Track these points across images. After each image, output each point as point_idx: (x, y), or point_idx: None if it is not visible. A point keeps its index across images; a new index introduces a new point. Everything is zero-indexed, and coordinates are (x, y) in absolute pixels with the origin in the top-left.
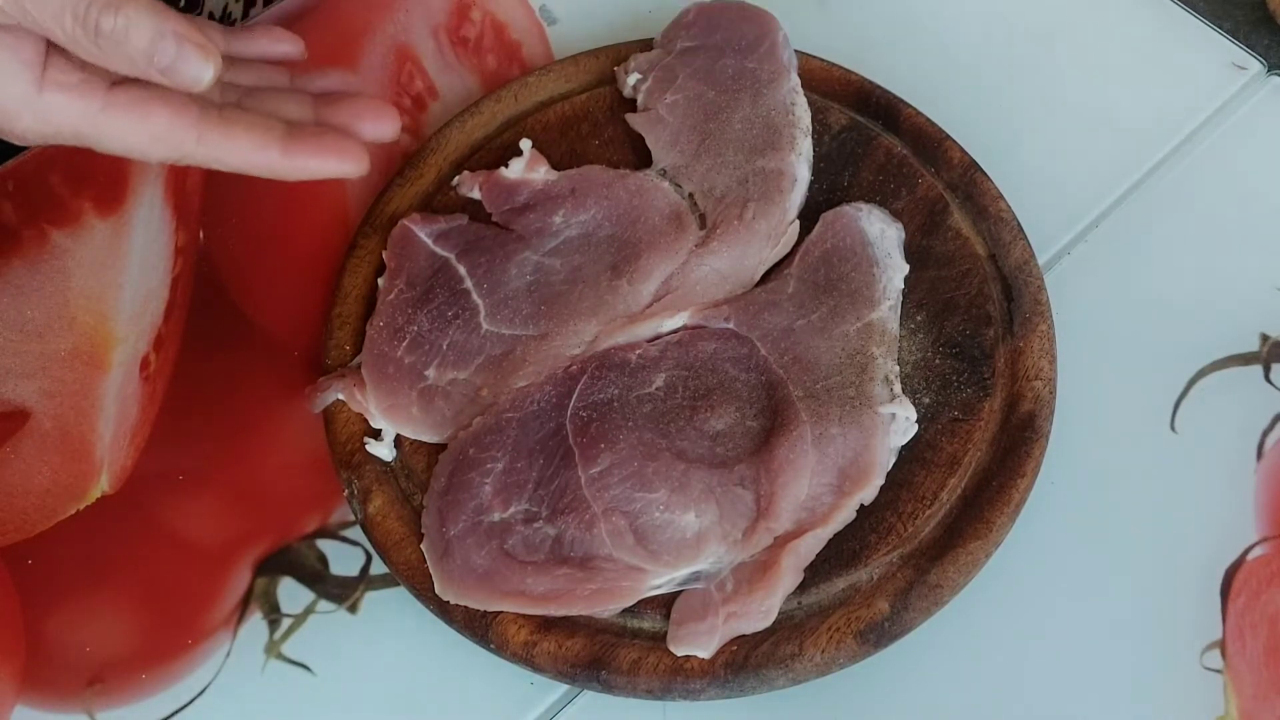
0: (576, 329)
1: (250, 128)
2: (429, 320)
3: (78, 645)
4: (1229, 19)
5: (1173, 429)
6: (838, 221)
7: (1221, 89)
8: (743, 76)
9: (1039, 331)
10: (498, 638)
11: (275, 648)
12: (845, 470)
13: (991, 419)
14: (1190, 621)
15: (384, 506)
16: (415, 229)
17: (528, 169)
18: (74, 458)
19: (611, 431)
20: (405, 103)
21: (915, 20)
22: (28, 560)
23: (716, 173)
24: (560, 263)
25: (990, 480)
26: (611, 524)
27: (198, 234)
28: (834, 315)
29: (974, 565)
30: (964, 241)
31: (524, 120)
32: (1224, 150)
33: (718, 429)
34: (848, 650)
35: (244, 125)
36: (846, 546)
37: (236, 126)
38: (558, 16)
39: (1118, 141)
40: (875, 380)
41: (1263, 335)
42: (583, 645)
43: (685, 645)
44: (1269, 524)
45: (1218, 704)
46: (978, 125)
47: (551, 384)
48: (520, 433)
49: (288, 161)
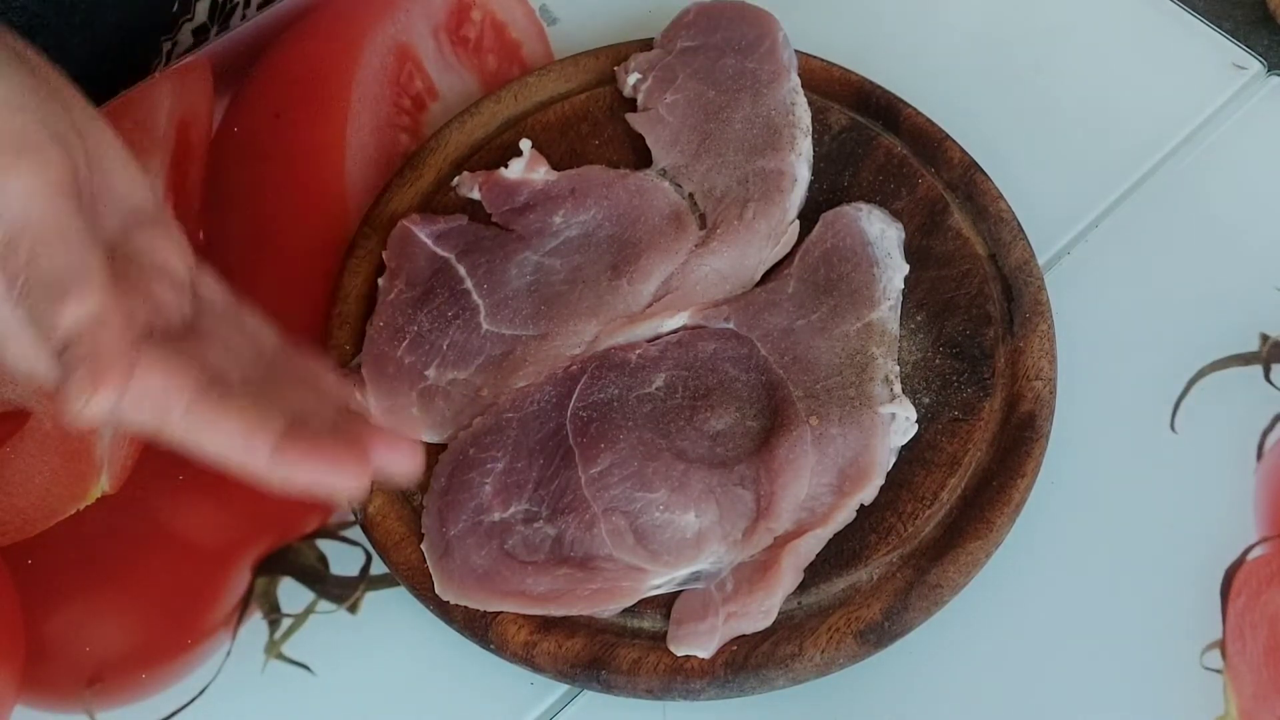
0: (576, 329)
1: (243, 415)
2: (429, 320)
3: (78, 645)
4: (1229, 19)
5: (1173, 429)
6: (838, 221)
7: (1221, 89)
8: (743, 76)
9: (1039, 331)
10: (498, 638)
11: (275, 648)
12: (845, 470)
13: (991, 419)
14: (1190, 621)
15: (384, 506)
16: (415, 229)
17: (528, 169)
18: (74, 458)
19: (611, 431)
20: (405, 103)
21: (915, 20)
22: (28, 560)
23: (716, 173)
24: (560, 263)
25: (990, 480)
26: (611, 524)
27: (198, 234)
28: (834, 315)
29: (974, 565)
30: (964, 241)
31: (524, 120)
32: (1224, 150)
33: (718, 429)
34: (848, 650)
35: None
36: (846, 546)
37: (230, 410)
38: (558, 16)
39: (1118, 141)
40: (875, 380)
41: (1263, 335)
42: (583, 645)
43: (685, 645)
44: (1269, 524)
45: (1218, 704)
46: (978, 125)
47: (551, 384)
48: (520, 433)
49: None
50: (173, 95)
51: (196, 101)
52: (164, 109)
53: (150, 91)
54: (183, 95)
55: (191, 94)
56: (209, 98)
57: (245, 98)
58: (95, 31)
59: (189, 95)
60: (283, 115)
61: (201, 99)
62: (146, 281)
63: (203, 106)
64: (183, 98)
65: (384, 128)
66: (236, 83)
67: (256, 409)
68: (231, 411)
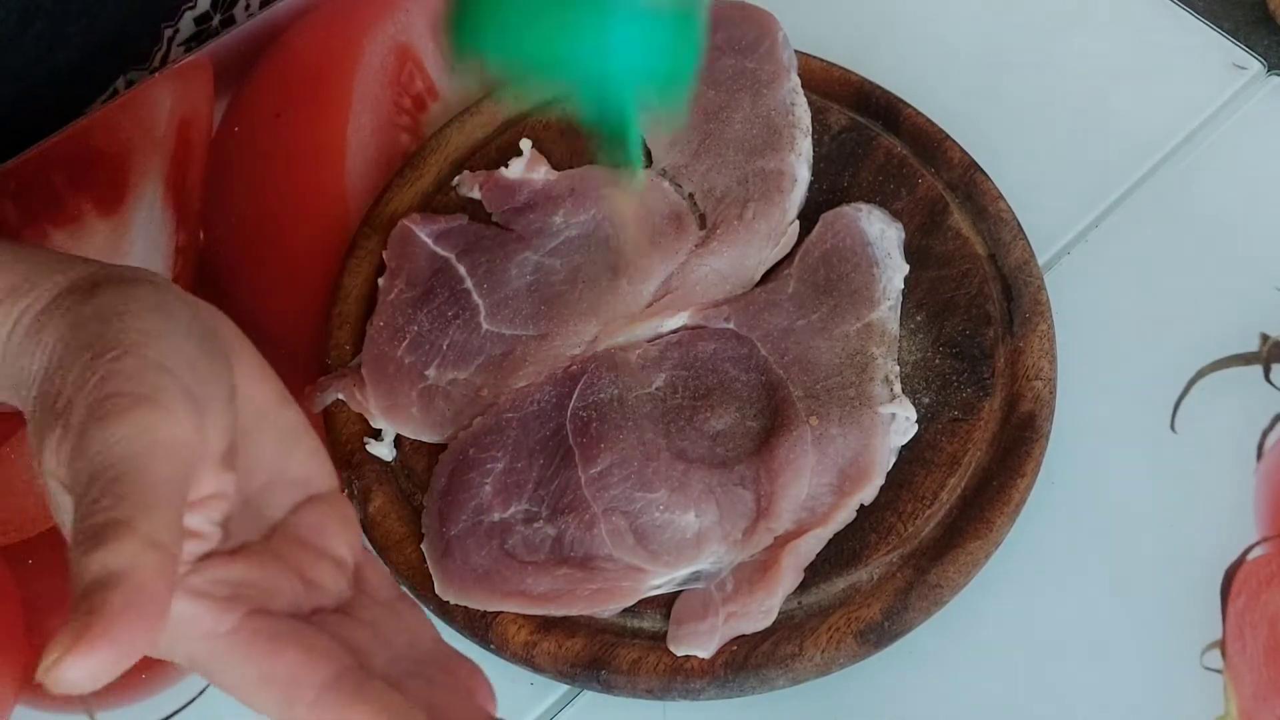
0: (576, 329)
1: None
2: (429, 320)
3: None
4: (1229, 19)
5: (1173, 429)
6: (838, 222)
7: (1221, 89)
8: (742, 76)
9: (1039, 331)
10: (498, 638)
11: None
12: (845, 470)
13: (991, 419)
14: (1190, 621)
15: (384, 506)
16: (415, 229)
17: (528, 169)
18: None
19: (611, 431)
20: (405, 103)
21: (915, 20)
22: (28, 560)
23: (716, 173)
24: (560, 263)
25: (990, 480)
26: (611, 524)
27: (198, 234)
28: (834, 315)
29: (974, 565)
30: (964, 241)
31: (524, 120)
32: (1224, 150)
33: (718, 429)
34: (848, 650)
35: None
36: (846, 546)
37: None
38: None
39: (1118, 141)
40: (875, 380)
41: (1263, 335)
42: (583, 645)
43: (685, 645)
44: (1269, 524)
45: (1218, 704)
46: (978, 125)
47: (551, 384)
48: (520, 433)
49: None
50: (173, 95)
51: (196, 101)
52: (164, 109)
53: (150, 91)
54: (183, 95)
55: (191, 94)
56: (209, 98)
57: (245, 98)
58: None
59: (189, 95)
60: (283, 115)
61: (201, 99)
62: (306, 561)
63: (203, 106)
64: (183, 98)
65: (384, 127)
66: (236, 82)
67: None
68: (367, 701)
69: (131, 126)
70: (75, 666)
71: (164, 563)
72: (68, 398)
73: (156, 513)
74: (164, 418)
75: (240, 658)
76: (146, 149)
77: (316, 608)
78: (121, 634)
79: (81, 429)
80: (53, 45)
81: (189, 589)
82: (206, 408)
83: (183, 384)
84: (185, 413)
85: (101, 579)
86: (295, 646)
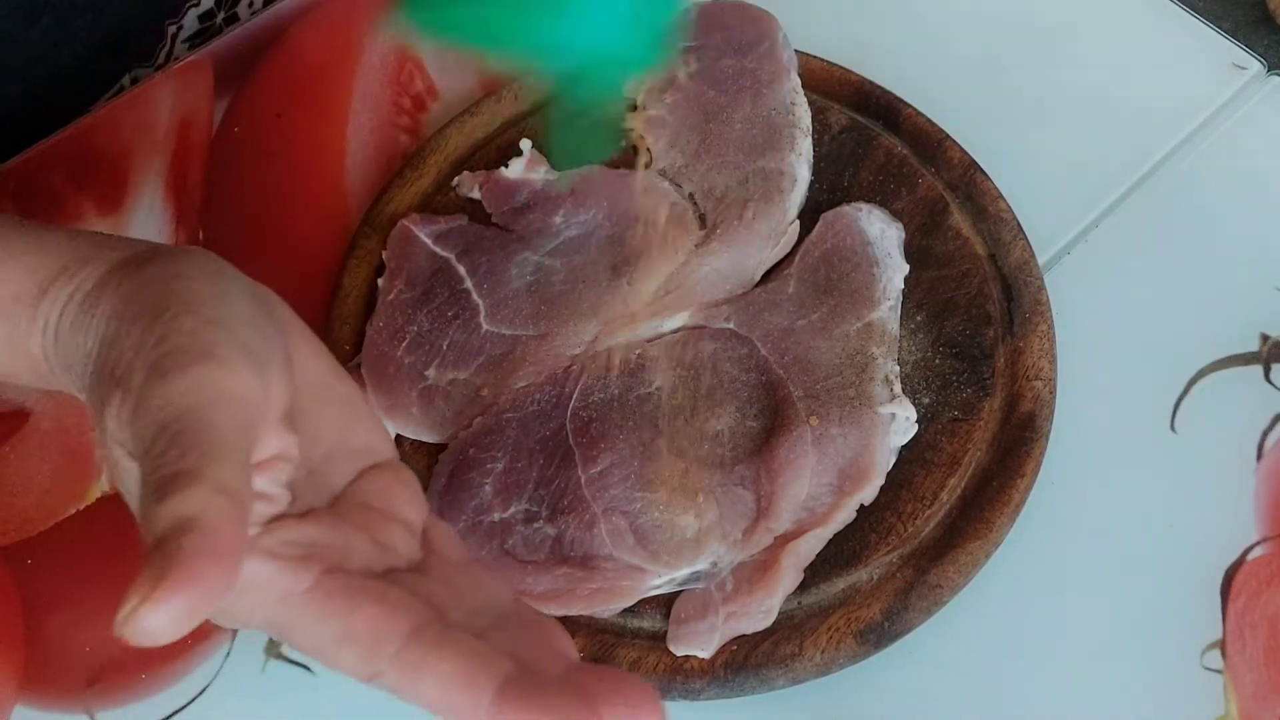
0: (576, 329)
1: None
2: (429, 320)
3: (78, 645)
4: (1229, 19)
5: (1173, 429)
6: (838, 221)
7: (1221, 89)
8: (743, 76)
9: (1039, 331)
10: None
11: (275, 647)
12: (845, 470)
13: (991, 419)
14: (1190, 621)
15: None
16: (415, 229)
17: (528, 169)
18: (74, 458)
19: (611, 431)
20: (405, 103)
21: (915, 20)
22: (28, 560)
23: (716, 173)
24: (560, 263)
25: (990, 480)
26: (611, 524)
27: (198, 234)
28: (834, 315)
29: (974, 565)
30: (964, 241)
31: (524, 120)
32: (1224, 150)
33: (718, 429)
34: (847, 650)
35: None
36: (846, 546)
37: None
38: None
39: (1118, 141)
40: (875, 380)
41: (1263, 335)
42: (583, 645)
43: (685, 645)
44: (1269, 524)
45: (1218, 704)
46: (978, 125)
47: (551, 384)
48: (520, 433)
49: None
50: (173, 95)
51: (197, 101)
52: (164, 109)
53: (151, 91)
54: (183, 95)
55: (192, 94)
56: (209, 98)
57: (245, 98)
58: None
59: (189, 95)
60: (283, 115)
61: (202, 99)
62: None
63: (203, 106)
64: (183, 98)
65: (384, 127)
66: (237, 83)
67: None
68: (450, 651)
69: (132, 126)
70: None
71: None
72: (127, 363)
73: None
74: (226, 372)
75: (319, 616)
76: (147, 149)
77: (390, 568)
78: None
79: (143, 388)
80: (59, 41)
81: (262, 550)
82: (266, 366)
83: (241, 341)
84: (246, 367)
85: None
86: (374, 602)
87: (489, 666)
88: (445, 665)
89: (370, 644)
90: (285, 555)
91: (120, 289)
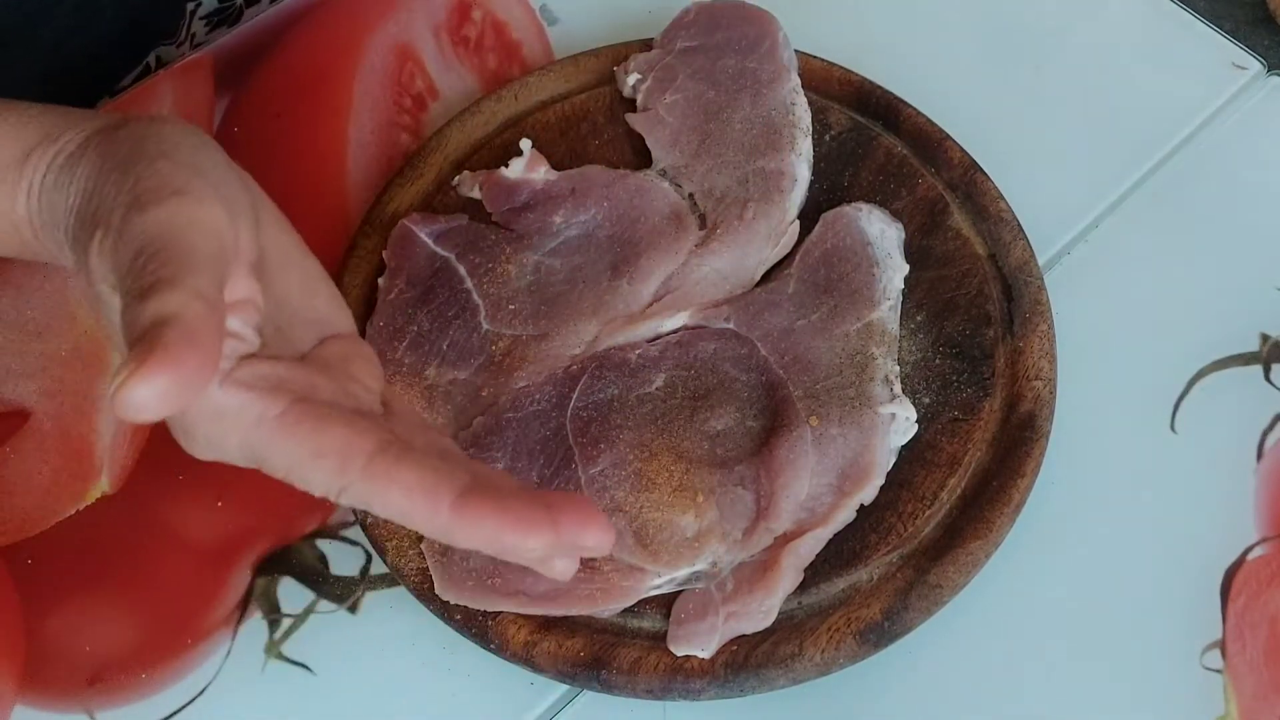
0: (576, 329)
1: (427, 469)
2: (429, 320)
3: (78, 645)
4: (1229, 19)
5: (1173, 429)
6: (838, 221)
7: (1221, 89)
8: (743, 76)
9: (1039, 331)
10: (498, 637)
11: (275, 648)
12: (845, 470)
13: (991, 419)
14: (1190, 621)
15: None
16: (415, 229)
17: (528, 169)
18: (74, 458)
19: (611, 431)
20: (406, 102)
21: (915, 20)
22: (28, 560)
23: (716, 173)
24: (560, 263)
25: (990, 480)
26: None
27: None
28: (834, 315)
29: (974, 565)
30: (964, 241)
31: (524, 120)
32: (1224, 150)
33: (718, 429)
34: (848, 650)
35: (420, 464)
36: (846, 546)
37: (410, 462)
38: (558, 16)
39: (1117, 141)
40: (875, 380)
41: (1263, 335)
42: (583, 645)
43: (685, 645)
44: (1269, 524)
45: (1218, 704)
46: (978, 125)
47: (551, 384)
48: (520, 433)
49: (456, 518)
50: (173, 95)
51: (197, 101)
52: (164, 108)
53: (151, 91)
54: (183, 95)
55: (192, 94)
56: (209, 97)
57: (246, 97)
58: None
59: (189, 95)
60: (284, 115)
61: (202, 99)
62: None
63: (203, 106)
64: (183, 97)
65: (385, 127)
66: (237, 82)
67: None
68: (412, 462)
69: None
70: (140, 387)
71: (211, 311)
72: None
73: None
74: (200, 205)
75: (292, 437)
76: None
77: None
78: (181, 360)
79: (122, 221)
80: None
81: (236, 381)
82: (237, 214)
83: (214, 184)
84: (218, 203)
85: (155, 320)
86: (342, 423)
87: (450, 478)
88: (409, 474)
89: (339, 459)
90: (258, 386)
91: (100, 147)
